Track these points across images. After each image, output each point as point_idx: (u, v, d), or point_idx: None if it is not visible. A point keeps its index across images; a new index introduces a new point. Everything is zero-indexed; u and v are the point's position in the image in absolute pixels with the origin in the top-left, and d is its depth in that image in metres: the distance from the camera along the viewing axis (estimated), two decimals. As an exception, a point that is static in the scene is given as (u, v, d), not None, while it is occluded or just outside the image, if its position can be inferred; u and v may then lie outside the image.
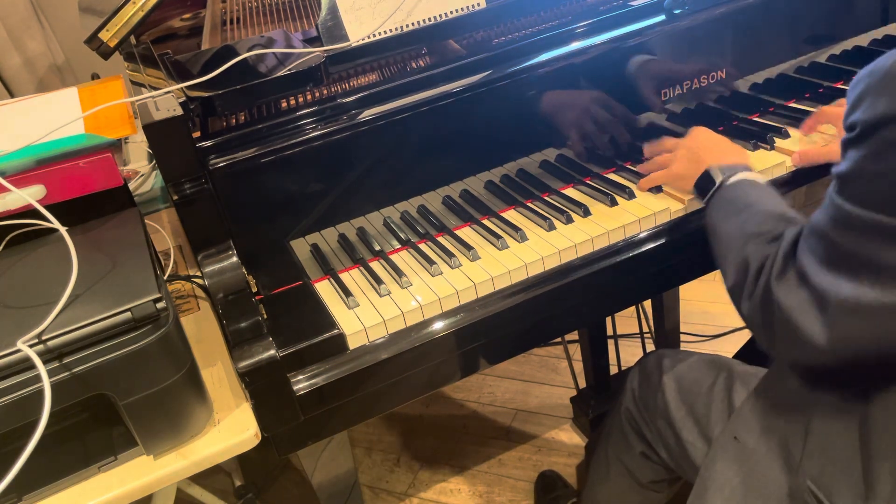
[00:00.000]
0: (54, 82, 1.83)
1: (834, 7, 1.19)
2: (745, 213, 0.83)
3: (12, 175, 0.84)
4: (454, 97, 0.98)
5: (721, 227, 0.85)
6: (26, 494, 0.76)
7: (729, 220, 0.84)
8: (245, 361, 0.82)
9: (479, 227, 1.03)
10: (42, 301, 0.73)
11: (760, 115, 1.20)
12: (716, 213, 0.88)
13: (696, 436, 0.96)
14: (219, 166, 0.90)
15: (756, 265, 0.75)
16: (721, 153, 0.96)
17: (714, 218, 0.88)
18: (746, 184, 0.88)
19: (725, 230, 0.84)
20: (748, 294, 0.75)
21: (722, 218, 0.86)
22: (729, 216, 0.85)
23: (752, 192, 0.87)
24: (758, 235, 0.78)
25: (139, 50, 1.14)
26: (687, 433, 0.97)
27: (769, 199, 0.85)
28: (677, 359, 1.05)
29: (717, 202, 0.89)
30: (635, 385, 1.08)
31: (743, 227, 0.81)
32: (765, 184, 0.89)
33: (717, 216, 0.87)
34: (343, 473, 1.08)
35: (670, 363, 1.04)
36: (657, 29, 1.06)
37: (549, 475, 1.57)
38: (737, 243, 0.80)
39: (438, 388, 0.98)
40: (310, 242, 1.00)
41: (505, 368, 1.94)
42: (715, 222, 0.87)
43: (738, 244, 0.79)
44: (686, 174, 0.98)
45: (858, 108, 0.61)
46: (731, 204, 0.86)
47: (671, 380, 1.02)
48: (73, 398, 0.71)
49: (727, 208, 0.86)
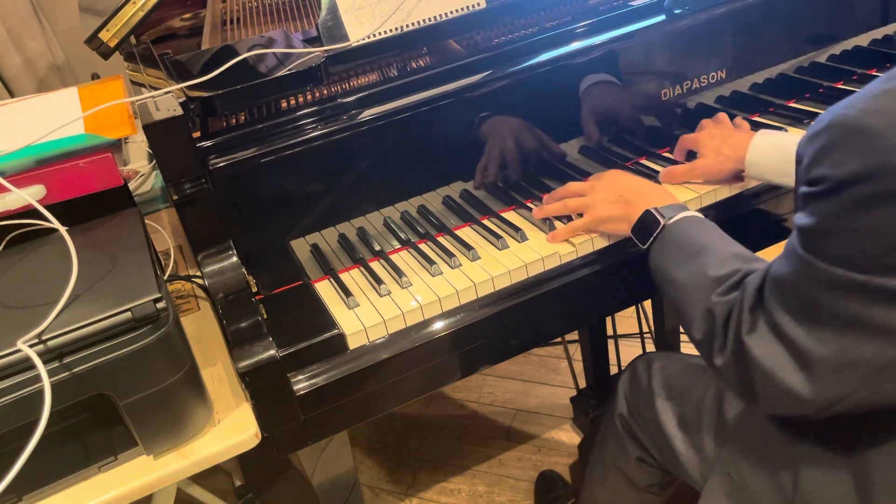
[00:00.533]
0: (54, 82, 1.83)
1: (834, 7, 1.19)
2: (698, 257, 0.79)
3: (12, 175, 0.84)
4: (454, 97, 0.98)
5: (674, 273, 0.80)
6: (26, 494, 0.76)
7: (682, 266, 0.80)
8: (245, 361, 0.82)
9: (479, 227, 1.03)
10: (42, 301, 0.73)
11: (760, 115, 1.20)
12: (665, 259, 0.83)
13: (687, 446, 0.95)
14: (219, 166, 0.90)
15: (722, 317, 0.71)
16: (648, 194, 0.92)
17: (664, 264, 0.83)
18: (692, 222, 0.84)
19: (680, 278, 0.79)
20: (719, 348, 0.72)
21: (674, 264, 0.81)
22: (681, 261, 0.80)
23: (699, 232, 0.82)
24: (718, 282, 0.74)
25: (139, 50, 1.14)
26: (679, 443, 0.95)
27: (719, 237, 0.81)
28: (667, 364, 1.03)
29: (664, 246, 0.84)
30: (626, 390, 1.08)
31: (700, 273, 0.77)
32: (708, 221, 0.85)
33: (668, 262, 0.82)
34: (343, 473, 1.08)
35: (660, 369, 1.03)
36: (657, 29, 1.06)
37: (549, 475, 1.57)
38: (697, 293, 0.76)
39: (438, 388, 0.98)
40: (310, 242, 1.00)
41: (505, 368, 1.94)
42: (666, 268, 0.82)
43: (698, 294, 0.76)
44: (612, 216, 0.93)
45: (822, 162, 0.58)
46: (680, 248, 0.82)
47: (661, 387, 1.01)
48: (73, 398, 0.71)
49: (677, 253, 0.82)
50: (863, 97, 0.57)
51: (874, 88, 0.57)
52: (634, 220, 0.89)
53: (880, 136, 0.54)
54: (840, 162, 0.56)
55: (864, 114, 0.55)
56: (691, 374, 1.00)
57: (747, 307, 0.68)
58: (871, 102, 0.56)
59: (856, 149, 0.55)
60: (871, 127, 0.55)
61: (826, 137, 0.58)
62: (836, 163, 0.57)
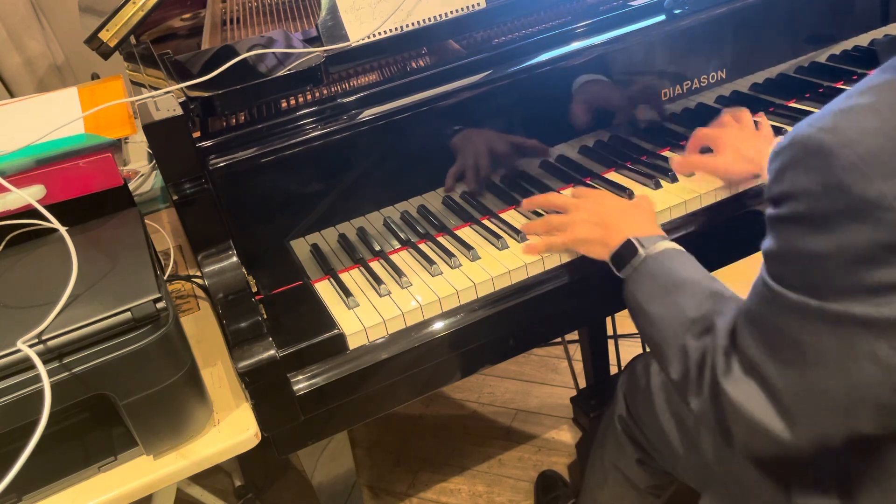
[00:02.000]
0: (54, 82, 1.83)
1: (834, 7, 1.19)
2: (675, 293, 0.78)
3: (12, 175, 0.84)
4: (454, 97, 0.98)
5: (650, 308, 0.79)
6: (26, 494, 0.76)
7: (657, 301, 0.79)
8: (245, 361, 0.82)
9: (479, 227, 1.03)
10: (42, 301, 0.73)
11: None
12: (641, 291, 0.82)
13: (685, 449, 0.95)
14: (219, 166, 0.90)
15: (696, 358, 0.71)
16: (631, 220, 0.91)
17: (639, 295, 0.82)
18: (670, 255, 0.83)
19: (657, 313, 0.78)
20: (695, 391, 0.71)
21: (649, 297, 0.80)
22: (657, 295, 0.79)
23: (678, 266, 0.81)
24: (693, 323, 0.73)
25: (139, 50, 1.14)
26: (677, 445, 0.95)
27: (696, 271, 0.80)
28: None
29: (642, 278, 0.83)
30: (625, 391, 1.07)
31: (676, 311, 0.76)
32: (687, 254, 0.84)
33: (643, 294, 0.81)
34: (343, 473, 1.08)
35: (658, 370, 1.02)
36: (657, 29, 1.06)
37: (549, 475, 1.57)
38: (672, 331, 0.75)
39: (438, 388, 0.98)
40: (310, 242, 1.00)
41: (505, 368, 1.94)
42: (641, 300, 0.81)
43: (673, 332, 0.75)
44: (591, 239, 0.91)
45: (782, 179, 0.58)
46: (657, 281, 0.81)
47: (659, 389, 1.00)
48: (73, 398, 0.71)
49: (652, 286, 0.81)
50: (823, 115, 0.57)
51: (833, 106, 0.57)
52: (613, 246, 0.87)
53: (833, 154, 0.54)
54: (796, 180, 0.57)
55: (821, 132, 0.55)
56: None
57: (721, 350, 0.68)
58: (828, 120, 0.56)
59: (811, 167, 0.55)
60: (826, 145, 0.54)
61: (787, 155, 0.58)
62: (793, 180, 0.57)
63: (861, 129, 0.54)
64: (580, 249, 0.93)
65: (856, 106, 0.56)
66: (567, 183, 1.09)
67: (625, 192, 1.04)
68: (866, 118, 0.55)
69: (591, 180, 1.09)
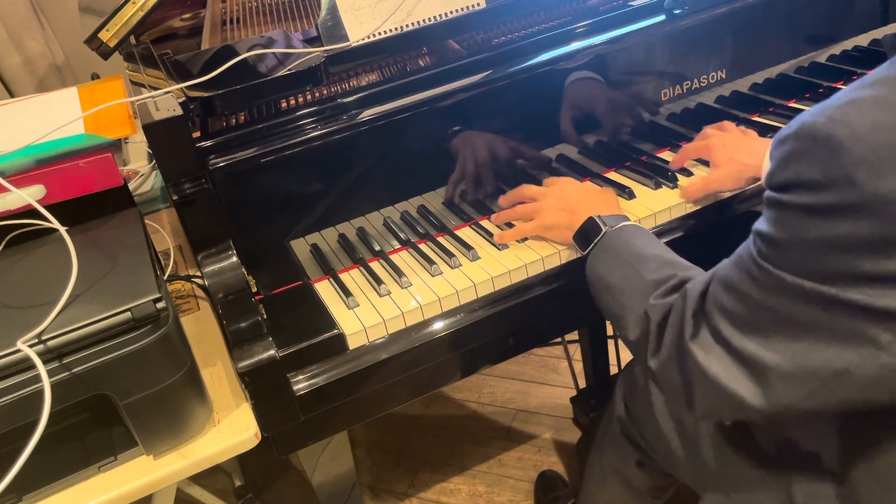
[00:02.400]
0: (54, 82, 1.83)
1: (834, 7, 1.19)
2: (636, 263, 0.80)
3: (12, 175, 0.84)
4: (454, 97, 0.98)
5: (610, 278, 0.81)
6: (26, 494, 0.76)
7: (618, 271, 0.81)
8: (245, 361, 0.82)
9: (479, 227, 1.03)
10: (42, 301, 0.73)
11: (760, 115, 1.20)
12: (603, 265, 0.84)
13: (685, 453, 0.94)
14: (219, 166, 0.90)
15: (657, 319, 0.72)
16: (594, 203, 0.94)
17: (601, 269, 0.84)
18: (630, 230, 0.85)
19: (616, 282, 0.80)
20: (653, 350, 0.72)
21: (610, 269, 0.82)
22: (618, 266, 0.82)
23: (637, 240, 0.83)
24: (654, 285, 0.75)
25: (139, 50, 1.14)
26: (676, 447, 0.95)
27: (657, 245, 0.82)
28: None
29: (603, 253, 0.85)
30: (624, 392, 1.07)
31: (636, 277, 0.78)
32: (647, 231, 0.87)
33: (605, 267, 0.83)
34: (343, 473, 1.08)
35: None
36: (657, 29, 1.06)
37: (549, 475, 1.57)
38: (633, 297, 0.76)
39: (438, 388, 0.98)
40: (310, 242, 1.00)
41: (505, 368, 1.94)
42: (602, 273, 0.83)
43: (634, 297, 0.76)
44: (557, 224, 0.95)
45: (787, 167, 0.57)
46: (618, 254, 0.83)
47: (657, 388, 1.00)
48: (73, 398, 0.71)
49: (614, 259, 0.83)
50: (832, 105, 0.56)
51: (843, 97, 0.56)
52: (576, 227, 0.91)
53: (844, 147, 0.53)
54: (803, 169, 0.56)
55: (831, 122, 0.54)
56: None
57: (689, 312, 0.68)
58: (837, 111, 0.55)
59: (819, 158, 0.55)
60: (836, 137, 0.54)
61: (793, 143, 0.57)
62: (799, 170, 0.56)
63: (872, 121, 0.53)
64: (548, 236, 0.96)
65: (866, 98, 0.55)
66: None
67: (624, 192, 1.04)
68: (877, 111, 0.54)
69: (590, 180, 1.09)
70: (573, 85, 1.05)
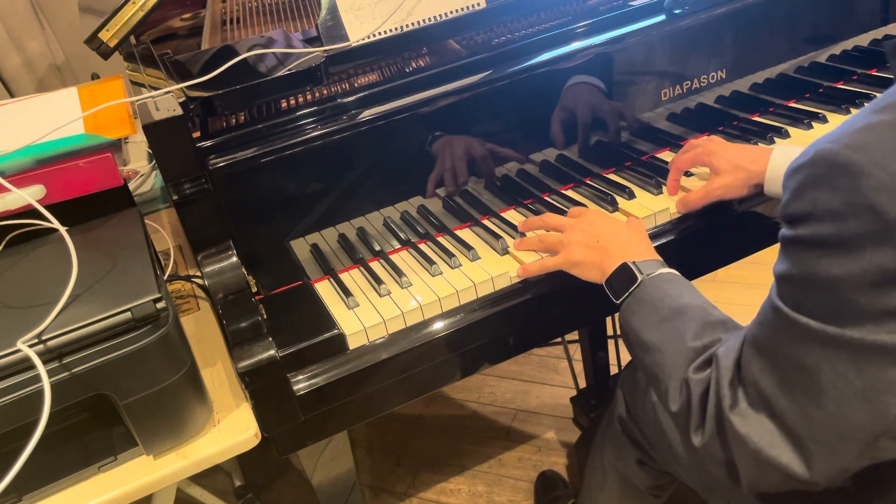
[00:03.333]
0: (54, 82, 1.83)
1: (834, 7, 1.19)
2: (674, 319, 0.75)
3: (12, 175, 0.84)
4: (454, 97, 0.98)
5: (648, 336, 0.76)
6: (26, 494, 0.76)
7: (656, 329, 0.76)
8: (245, 361, 0.82)
9: (479, 227, 1.03)
10: (42, 301, 0.73)
11: (760, 115, 1.20)
12: (638, 318, 0.79)
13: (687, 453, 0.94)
14: (219, 166, 0.90)
15: (699, 392, 0.68)
16: (626, 243, 0.88)
17: (636, 323, 0.79)
18: (666, 278, 0.81)
19: (654, 341, 0.75)
20: (696, 425, 0.68)
21: (647, 325, 0.77)
22: (655, 323, 0.76)
23: (675, 292, 0.78)
24: (695, 353, 0.70)
25: (139, 50, 1.14)
26: (678, 446, 0.95)
27: (694, 295, 0.78)
28: None
29: (638, 304, 0.80)
30: (626, 391, 1.07)
31: (676, 340, 0.73)
32: (683, 279, 0.82)
33: (641, 321, 0.78)
34: (343, 473, 1.08)
35: None
36: (657, 29, 1.06)
37: (549, 475, 1.57)
38: (672, 361, 0.72)
39: (438, 388, 0.98)
40: (310, 242, 1.00)
41: (505, 368, 1.94)
42: (639, 329, 0.78)
43: (673, 362, 0.72)
44: (585, 262, 0.89)
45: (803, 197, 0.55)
46: (655, 308, 0.78)
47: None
48: (73, 398, 0.71)
49: (652, 313, 0.78)
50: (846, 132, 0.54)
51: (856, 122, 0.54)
52: (609, 271, 0.85)
53: (864, 173, 0.51)
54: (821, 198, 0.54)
55: (847, 149, 0.52)
56: None
57: (725, 382, 0.65)
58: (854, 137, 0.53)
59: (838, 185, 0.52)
60: (855, 163, 0.51)
61: (808, 171, 0.55)
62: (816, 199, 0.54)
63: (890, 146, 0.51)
64: (574, 272, 0.90)
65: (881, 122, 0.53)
66: (567, 183, 1.09)
67: (624, 192, 1.04)
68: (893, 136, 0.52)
69: (590, 180, 1.09)
70: (573, 85, 1.05)
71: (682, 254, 1.01)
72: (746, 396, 0.63)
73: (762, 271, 2.00)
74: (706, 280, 2.04)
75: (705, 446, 0.67)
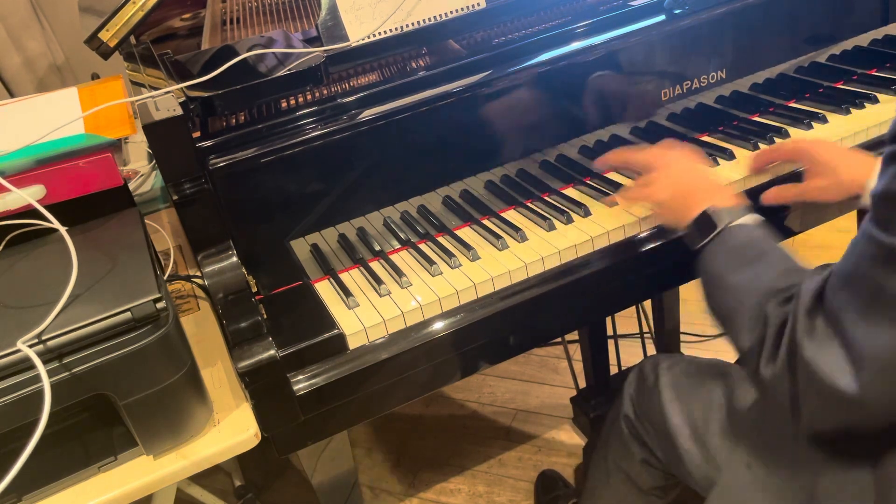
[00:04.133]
0: (54, 82, 1.83)
1: (834, 7, 1.19)
2: (757, 264, 0.76)
3: (12, 175, 0.84)
4: (454, 97, 0.98)
5: (729, 279, 0.77)
6: (26, 494, 0.76)
7: (740, 272, 0.76)
8: (245, 361, 0.82)
9: (479, 227, 1.03)
10: (42, 301, 0.73)
11: (760, 115, 1.20)
12: (719, 262, 0.80)
13: (692, 443, 0.94)
14: (219, 166, 0.90)
15: (777, 323, 0.68)
16: (711, 191, 0.88)
17: (717, 267, 0.79)
18: (752, 227, 0.81)
19: (735, 283, 0.76)
20: (768, 357, 0.69)
21: (730, 268, 0.78)
22: (739, 267, 0.77)
23: (760, 238, 0.79)
24: (777, 293, 0.71)
25: (139, 50, 1.14)
26: (683, 440, 0.95)
27: (779, 247, 0.78)
28: (675, 364, 1.03)
29: (721, 249, 0.80)
30: (633, 391, 1.07)
31: (758, 280, 0.74)
32: (768, 226, 0.82)
33: (722, 265, 0.79)
34: (343, 473, 1.08)
35: (667, 368, 1.02)
36: (657, 29, 1.06)
37: (550, 475, 1.57)
38: (751, 299, 0.72)
39: (438, 388, 0.98)
40: (310, 242, 1.00)
41: (505, 368, 1.94)
42: (719, 272, 0.79)
43: (753, 299, 0.72)
44: (668, 205, 0.90)
45: None
46: (739, 253, 0.78)
47: (668, 386, 1.00)
48: (73, 398, 0.71)
49: (735, 257, 0.78)
50: None
51: None
52: (690, 217, 0.85)
53: None
54: None
55: None
56: (700, 372, 1.00)
57: (804, 311, 0.65)
58: None
59: None
60: None
61: None
62: None
63: None
64: (656, 211, 0.94)
65: None
66: (567, 183, 1.09)
67: (625, 192, 1.04)
68: None
69: (590, 180, 1.09)
70: (573, 85, 1.05)
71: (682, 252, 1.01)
72: (823, 323, 0.64)
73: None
74: (706, 280, 2.04)
75: (774, 377, 0.68)
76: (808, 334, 0.64)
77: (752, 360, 0.71)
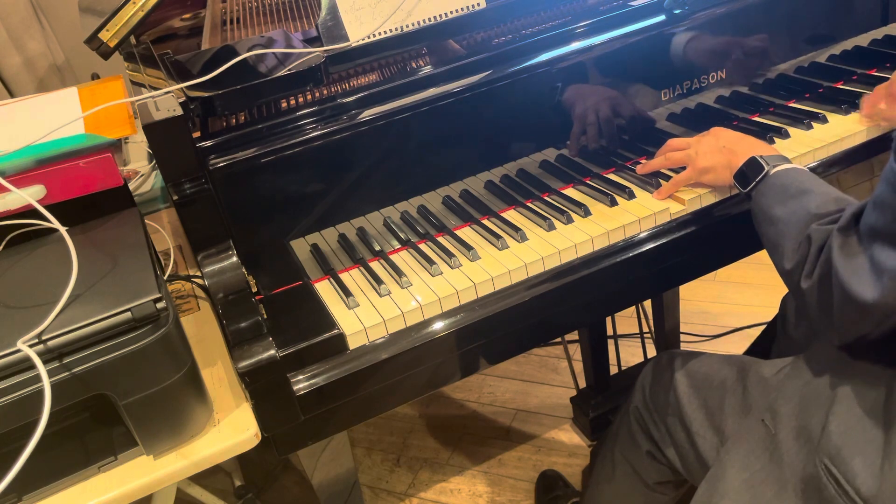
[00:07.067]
0: (54, 82, 1.83)
1: (834, 7, 1.19)
2: (802, 196, 0.84)
3: (12, 175, 0.84)
4: (454, 97, 0.98)
5: (776, 210, 0.86)
6: (26, 494, 0.76)
7: (786, 204, 0.85)
8: (245, 361, 0.82)
9: (479, 227, 1.03)
10: (42, 301, 0.73)
11: (760, 115, 1.20)
12: (768, 199, 0.88)
13: (706, 427, 0.96)
14: (219, 166, 0.90)
15: (818, 243, 0.77)
16: (751, 144, 0.97)
17: (766, 203, 0.88)
18: (796, 171, 0.90)
19: (782, 213, 0.85)
20: (808, 272, 0.77)
21: (777, 202, 0.87)
22: (785, 200, 0.86)
23: (804, 178, 0.88)
24: (819, 217, 0.80)
25: (139, 50, 1.14)
26: (698, 425, 0.96)
27: (822, 184, 0.86)
28: (690, 357, 1.05)
29: (769, 188, 0.89)
30: (647, 383, 1.08)
31: (803, 209, 0.82)
32: (809, 172, 0.90)
33: (771, 201, 0.88)
34: (343, 473, 1.08)
35: (683, 361, 1.04)
36: (657, 29, 1.07)
37: (550, 475, 1.57)
38: (797, 225, 0.81)
39: (438, 388, 0.98)
40: (310, 242, 1.00)
41: (505, 368, 1.94)
42: (767, 206, 0.88)
43: (799, 226, 0.81)
44: (714, 166, 0.98)
45: None
46: (785, 189, 0.87)
47: (683, 376, 1.02)
48: (73, 398, 0.71)
49: (780, 194, 0.87)
50: None
51: None
52: (738, 166, 0.94)
53: None
54: None
55: None
56: (715, 363, 1.01)
57: (839, 229, 0.74)
58: None
59: None
60: None
61: None
62: None
63: None
64: (705, 180, 0.99)
65: None
66: (567, 183, 1.09)
67: (624, 192, 1.04)
68: None
69: (590, 180, 1.09)
70: (573, 85, 1.05)
71: (682, 252, 1.01)
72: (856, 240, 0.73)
73: (762, 271, 2.00)
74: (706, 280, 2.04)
75: (810, 288, 0.77)
76: (841, 248, 0.73)
77: (795, 276, 0.80)
